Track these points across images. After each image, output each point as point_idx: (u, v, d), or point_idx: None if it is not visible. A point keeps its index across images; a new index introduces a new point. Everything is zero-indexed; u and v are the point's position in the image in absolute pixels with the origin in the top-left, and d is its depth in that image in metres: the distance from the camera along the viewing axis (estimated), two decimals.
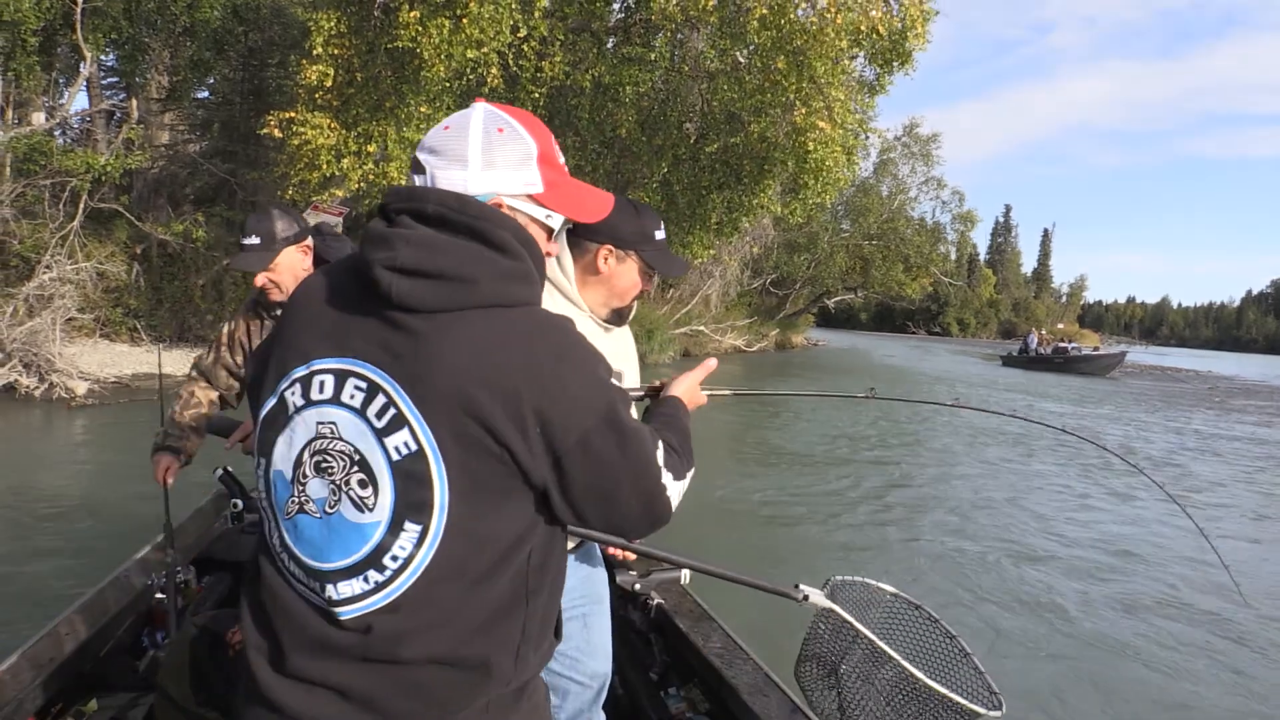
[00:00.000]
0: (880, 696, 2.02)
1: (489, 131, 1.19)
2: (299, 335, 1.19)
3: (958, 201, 45.27)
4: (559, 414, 1.11)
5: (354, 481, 1.11)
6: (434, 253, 1.11)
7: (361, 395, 1.11)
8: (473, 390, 1.08)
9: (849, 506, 8.75)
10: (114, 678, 2.42)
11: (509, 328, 1.12)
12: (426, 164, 1.20)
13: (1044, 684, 4.85)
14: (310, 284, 1.25)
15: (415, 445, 1.09)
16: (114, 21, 15.91)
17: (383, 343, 1.12)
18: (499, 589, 1.14)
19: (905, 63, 15.29)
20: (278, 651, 1.16)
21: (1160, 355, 71.67)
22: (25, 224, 13.95)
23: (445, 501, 1.09)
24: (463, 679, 1.14)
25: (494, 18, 11.57)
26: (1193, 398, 28.19)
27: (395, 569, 1.11)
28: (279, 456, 1.17)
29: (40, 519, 6.65)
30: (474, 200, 1.16)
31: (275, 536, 1.19)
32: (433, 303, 1.10)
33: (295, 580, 1.17)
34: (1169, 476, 11.67)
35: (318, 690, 1.14)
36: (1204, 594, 6.60)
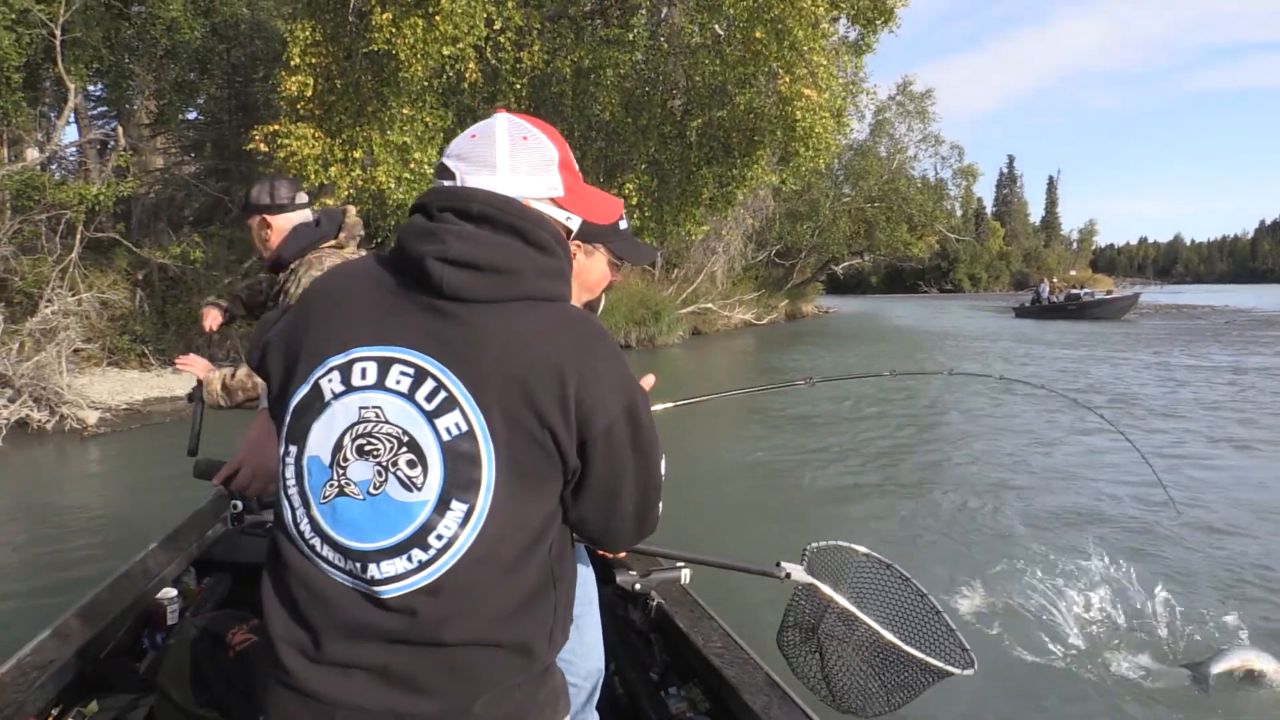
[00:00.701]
0: (858, 656, 2.06)
1: (514, 139, 1.29)
2: (331, 324, 1.23)
3: (957, 156, 44.88)
4: (593, 401, 1.18)
5: (402, 462, 1.16)
6: (481, 247, 1.18)
7: (409, 380, 1.17)
8: (521, 374, 1.16)
9: (820, 476, 8.72)
10: (114, 679, 2.41)
11: (551, 319, 1.21)
12: (456, 169, 1.28)
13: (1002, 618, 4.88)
14: (336, 276, 1.31)
15: (466, 426, 1.15)
16: (95, 51, 15.91)
17: (429, 331, 1.18)
18: (531, 573, 1.20)
19: (888, 20, 15.17)
20: (311, 638, 1.19)
21: (1176, 293, 71.09)
22: (25, 260, 14.06)
23: (492, 481, 1.16)
24: (503, 660, 1.19)
25: (467, 12, 11.53)
26: (1208, 334, 27.92)
27: (439, 548, 1.15)
28: (314, 442, 1.21)
29: (45, 535, 6.74)
30: (515, 201, 1.26)
31: (305, 523, 1.21)
32: (480, 293, 1.18)
33: (329, 564, 1.20)
34: (1148, 411, 11.81)
35: (355, 674, 1.17)
36: (1148, 508, 7.03)
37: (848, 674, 2.06)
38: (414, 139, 12.98)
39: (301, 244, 2.89)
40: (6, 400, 11.13)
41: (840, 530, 6.81)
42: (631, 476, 1.27)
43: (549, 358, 1.17)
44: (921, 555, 6.06)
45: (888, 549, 2.31)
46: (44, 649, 2.21)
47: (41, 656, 2.18)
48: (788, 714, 2.07)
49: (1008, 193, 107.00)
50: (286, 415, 1.25)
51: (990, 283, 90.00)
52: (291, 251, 2.90)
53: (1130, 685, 4.27)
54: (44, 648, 2.22)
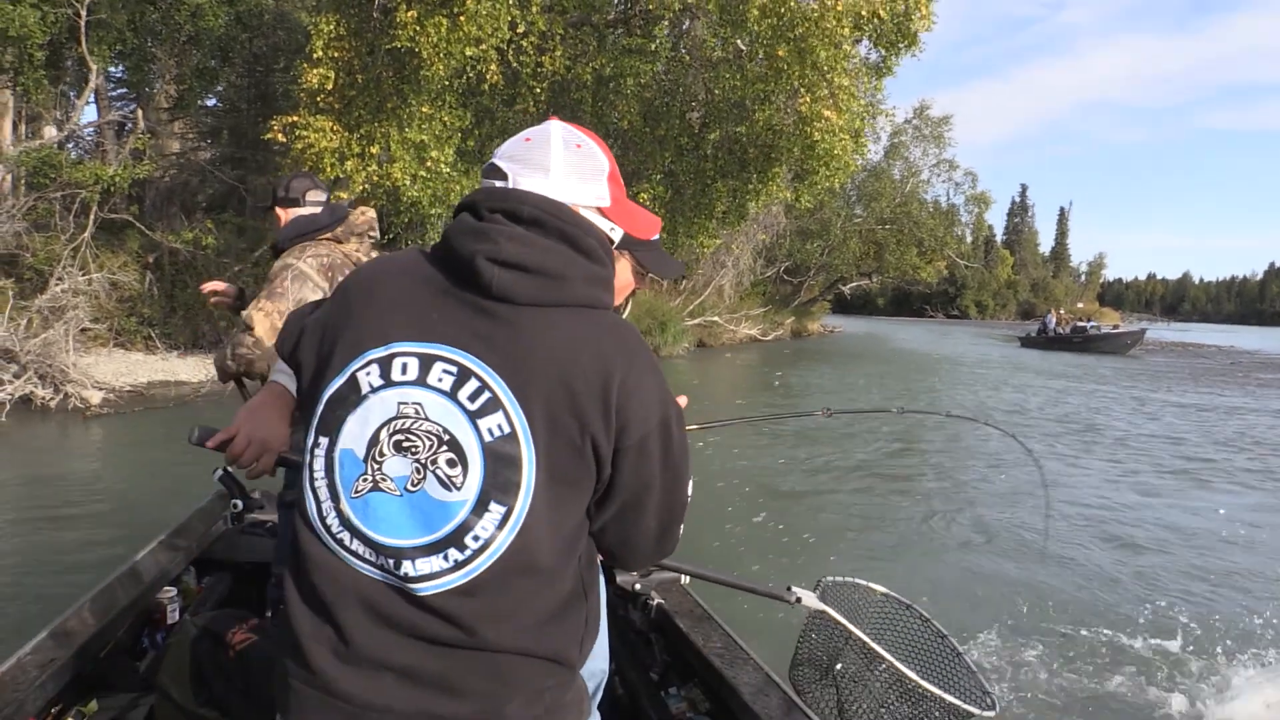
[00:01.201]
0: (875, 697, 2.04)
1: (568, 145, 1.29)
2: (371, 317, 1.22)
3: (971, 183, 44.95)
4: (632, 411, 1.19)
5: (441, 460, 1.15)
6: (532, 250, 1.18)
7: (451, 379, 1.16)
8: (566, 380, 1.15)
9: (838, 504, 8.67)
10: (114, 678, 2.41)
11: (597, 327, 1.21)
12: (509, 170, 1.27)
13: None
14: (376, 269, 1.29)
15: (509, 428, 1.14)
16: (119, 33, 15.98)
17: (475, 330, 1.17)
18: (565, 581, 1.21)
19: (911, 44, 15.19)
20: (340, 636, 1.17)
21: (1182, 331, 70.99)
22: (38, 237, 14.10)
23: (531, 485, 1.15)
24: (537, 667, 1.19)
25: (491, 14, 11.57)
26: (1213, 374, 27.88)
27: (476, 549, 1.15)
28: (349, 435, 1.19)
29: (44, 524, 6.71)
30: (566, 206, 1.25)
31: (333, 516, 1.19)
32: (529, 296, 1.17)
33: (358, 558, 1.18)
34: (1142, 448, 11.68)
35: (386, 674, 1.15)
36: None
37: (865, 714, 2.02)
38: (431, 138, 13.01)
39: (293, 232, 2.97)
40: (11, 376, 11.14)
41: (838, 553, 6.83)
42: (658, 491, 1.26)
43: (594, 365, 1.17)
44: (921, 586, 6.04)
45: (887, 578, 2.30)
46: (44, 648, 2.21)
47: (41, 655, 2.17)
48: (788, 713, 2.07)
49: (1019, 221, 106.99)
50: (319, 406, 1.23)
51: (997, 310, 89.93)
52: (285, 238, 2.97)
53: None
54: (44, 646, 2.21)
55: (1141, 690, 4.59)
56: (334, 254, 2.92)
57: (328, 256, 2.88)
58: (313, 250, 2.88)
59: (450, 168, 13.19)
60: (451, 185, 13.23)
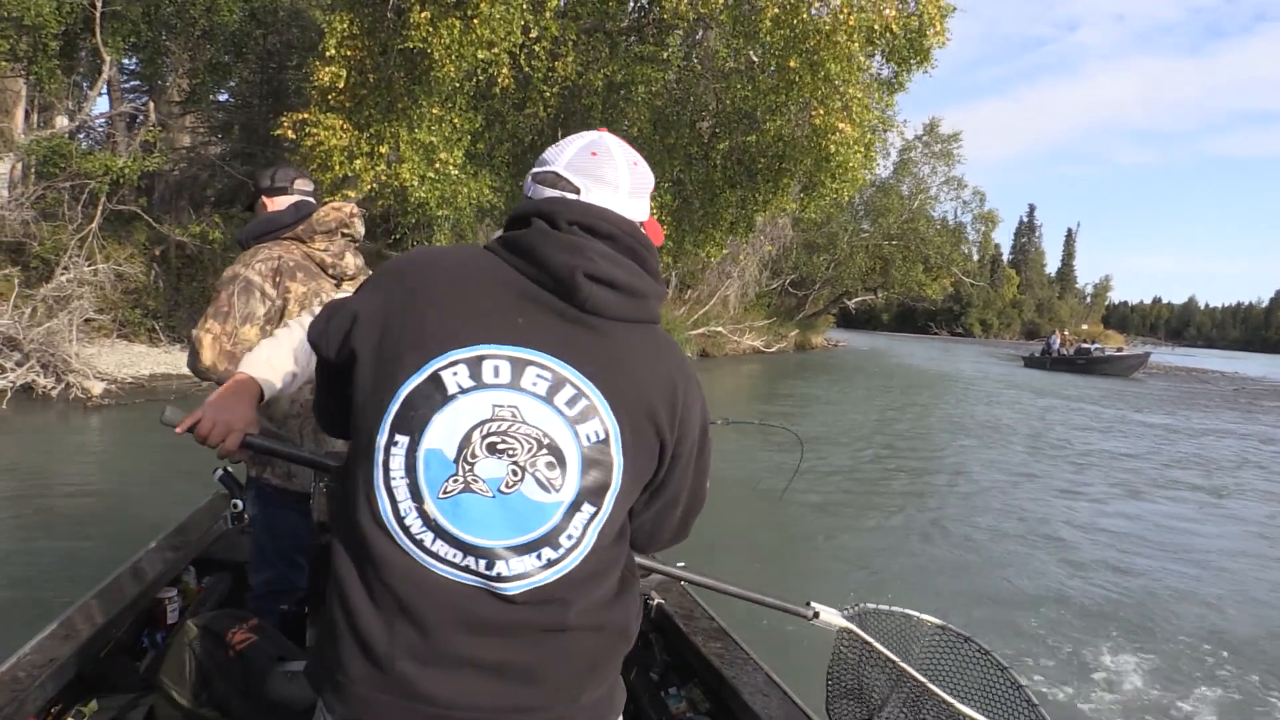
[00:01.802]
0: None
1: (628, 161, 1.35)
2: (448, 316, 1.22)
3: (979, 201, 45.00)
4: (689, 423, 1.29)
5: (541, 463, 1.18)
6: (618, 267, 1.24)
7: (546, 384, 1.19)
8: (649, 393, 1.24)
9: (854, 518, 8.69)
10: (114, 678, 2.41)
11: (665, 344, 1.31)
12: (580, 184, 1.30)
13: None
14: (440, 265, 1.28)
15: (604, 434, 1.20)
16: (133, 25, 16.05)
17: (567, 339, 1.21)
18: (622, 562, 1.30)
19: (924, 60, 15.19)
20: (419, 638, 1.17)
21: (1187, 356, 70.83)
22: (45, 226, 14.14)
23: (618, 488, 1.22)
24: (609, 642, 1.27)
25: (505, 18, 11.60)
26: (1216, 399, 27.84)
27: (569, 547, 1.20)
28: (436, 435, 1.18)
29: (44, 519, 6.71)
30: (636, 225, 1.32)
31: (413, 516, 1.18)
32: (616, 311, 1.24)
33: (439, 559, 1.18)
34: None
35: (469, 672, 1.17)
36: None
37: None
38: (441, 139, 13.02)
39: (256, 230, 2.84)
40: (14, 364, 11.15)
41: (839, 563, 6.81)
42: (689, 488, 1.36)
43: (666, 380, 1.26)
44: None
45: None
46: (44, 647, 2.21)
47: (41, 655, 2.17)
48: (788, 714, 2.08)
49: (1025, 241, 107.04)
50: (394, 402, 1.19)
51: (1001, 330, 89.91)
52: (248, 235, 2.85)
53: None
54: (44, 646, 2.21)
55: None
56: (290, 254, 2.77)
57: (279, 259, 2.72)
58: (265, 253, 2.72)
59: (459, 170, 13.20)
60: (459, 188, 13.23)
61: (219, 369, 2.67)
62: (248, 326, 2.69)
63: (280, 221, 2.82)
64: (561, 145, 1.36)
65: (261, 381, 1.72)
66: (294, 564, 2.79)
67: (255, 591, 2.79)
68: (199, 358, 2.66)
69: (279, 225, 2.82)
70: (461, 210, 13.63)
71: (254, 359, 1.77)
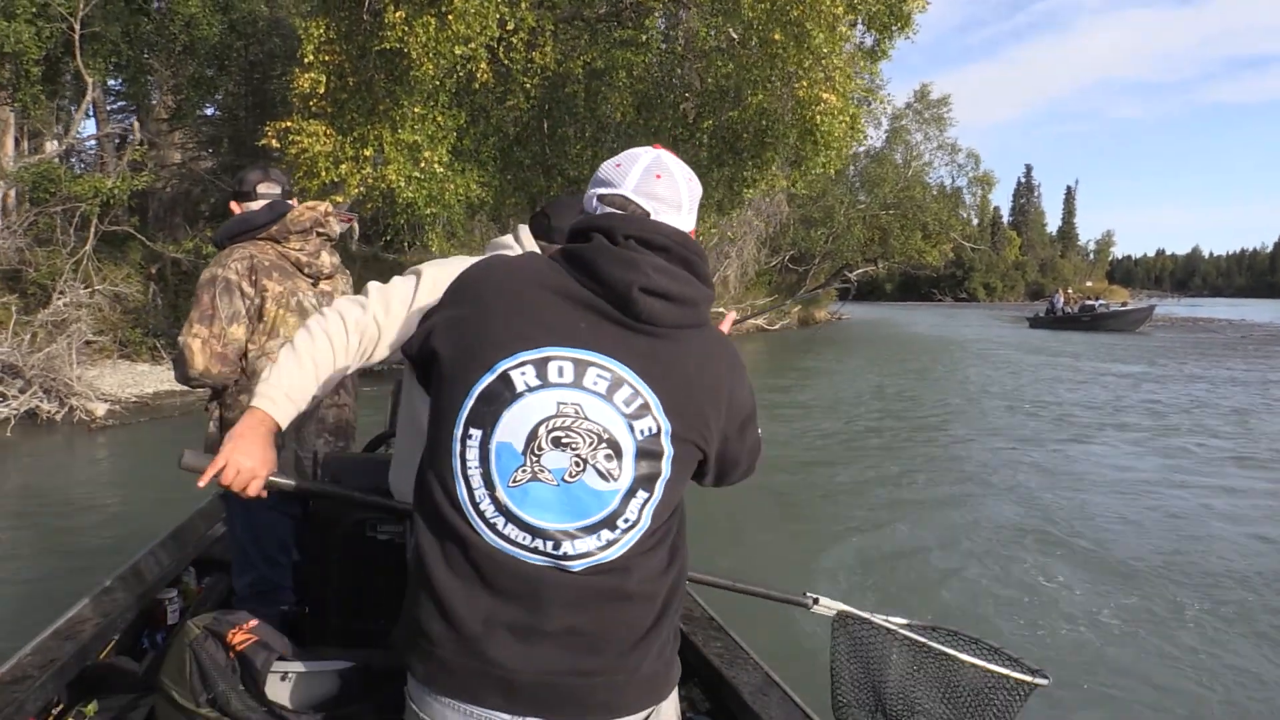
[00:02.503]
0: (931, 701, 2.02)
1: (688, 179, 1.50)
2: (516, 320, 1.35)
3: (973, 164, 44.71)
4: (737, 407, 1.44)
5: (600, 456, 1.31)
6: (672, 280, 1.35)
7: (605, 384, 1.32)
8: (697, 392, 1.37)
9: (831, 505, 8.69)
10: (114, 679, 2.42)
11: (715, 344, 1.43)
12: (650, 208, 1.44)
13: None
14: (508, 274, 1.41)
15: (656, 429, 1.33)
16: (113, 45, 16.04)
17: (625, 344, 1.33)
18: (674, 539, 1.42)
19: (905, 26, 15.09)
20: (493, 608, 1.31)
21: (1193, 307, 70.54)
22: (39, 252, 14.18)
23: (668, 475, 1.35)
24: (661, 610, 1.38)
25: (480, 12, 11.53)
26: (1221, 347, 27.72)
27: (625, 528, 1.33)
28: (506, 430, 1.32)
29: (47, 533, 6.78)
30: (688, 235, 1.45)
31: (487, 502, 1.32)
32: (670, 321, 1.36)
33: (510, 542, 1.31)
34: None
35: (535, 638, 1.31)
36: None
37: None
38: (424, 138, 12.98)
39: (230, 231, 2.86)
40: (17, 391, 11.21)
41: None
42: (746, 449, 1.52)
43: (717, 379, 1.40)
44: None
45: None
46: (44, 648, 2.22)
47: (42, 656, 2.18)
48: (788, 714, 2.07)
49: (1025, 202, 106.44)
50: (468, 400, 1.33)
51: (1005, 292, 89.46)
52: (222, 237, 2.87)
53: None
54: (44, 647, 2.22)
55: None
56: (265, 254, 2.79)
57: (254, 258, 2.75)
58: (240, 253, 2.76)
59: (445, 167, 13.16)
60: (445, 185, 13.20)
61: (212, 372, 2.68)
62: (234, 326, 2.70)
63: (255, 222, 2.83)
64: (623, 166, 1.48)
65: (280, 418, 1.69)
66: (276, 564, 2.79)
67: (239, 594, 2.79)
68: (189, 365, 2.66)
69: (254, 225, 2.83)
70: (451, 208, 13.59)
71: (272, 391, 1.69)
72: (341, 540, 2.61)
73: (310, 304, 2.87)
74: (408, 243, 23.80)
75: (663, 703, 1.43)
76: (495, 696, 1.31)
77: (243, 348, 2.73)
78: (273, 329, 2.77)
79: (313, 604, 2.89)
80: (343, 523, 2.53)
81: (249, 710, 1.71)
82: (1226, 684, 4.45)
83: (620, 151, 1.55)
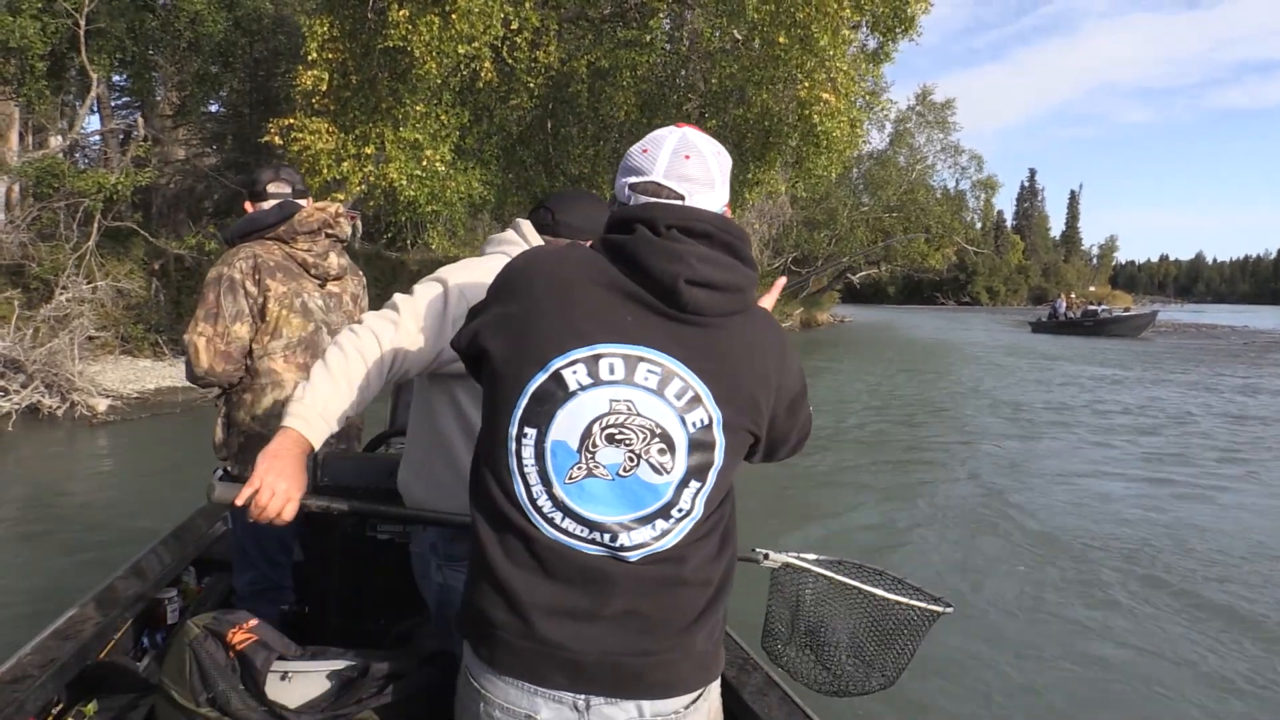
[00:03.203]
0: (848, 634, 2.12)
1: (716, 154, 1.46)
2: (565, 318, 1.35)
3: (976, 167, 44.63)
4: (786, 387, 1.44)
5: (654, 450, 1.33)
6: (716, 268, 1.35)
7: (656, 378, 1.33)
8: (747, 377, 1.37)
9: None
10: (114, 678, 2.42)
11: (764, 327, 1.43)
12: (684, 191, 1.41)
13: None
14: (558, 268, 1.40)
15: (707, 420, 1.34)
16: (118, 41, 16.06)
17: (673, 335, 1.34)
18: (725, 524, 1.45)
19: (909, 28, 15.09)
20: (553, 595, 1.35)
21: (1197, 313, 70.48)
22: (43, 247, 14.19)
23: (720, 464, 1.37)
24: (714, 593, 1.42)
25: (484, 11, 11.53)
26: (1223, 355, 27.67)
27: (678, 518, 1.36)
28: (560, 428, 1.34)
29: (48, 527, 6.77)
30: (730, 220, 1.43)
31: (544, 498, 1.35)
32: (716, 309, 1.35)
33: (568, 535, 1.35)
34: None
35: (595, 622, 1.35)
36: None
37: (845, 654, 2.11)
38: (426, 136, 12.99)
39: (239, 231, 2.87)
40: (18, 386, 11.22)
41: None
42: (796, 427, 1.53)
43: (763, 360, 1.40)
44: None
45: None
46: (44, 648, 2.21)
47: (41, 655, 2.17)
48: (788, 714, 2.07)
49: (1028, 206, 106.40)
50: (522, 399, 1.35)
51: (1008, 296, 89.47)
52: (231, 236, 2.88)
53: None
54: (44, 647, 2.22)
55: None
56: (270, 254, 2.80)
57: (259, 257, 2.77)
58: (245, 252, 2.77)
59: (447, 166, 13.17)
60: (447, 183, 13.20)
61: (216, 370, 2.69)
62: (238, 324, 2.71)
63: (263, 221, 2.85)
64: (650, 152, 1.44)
65: (314, 439, 1.65)
66: (276, 563, 2.80)
67: (240, 594, 2.80)
68: (195, 363, 2.68)
69: (262, 225, 2.85)
70: (452, 206, 13.58)
71: (306, 411, 1.65)
72: (341, 540, 2.61)
73: (316, 305, 2.88)
74: (410, 241, 23.81)
75: (713, 682, 1.47)
76: (559, 676, 1.35)
77: (246, 346, 2.75)
78: (275, 329, 2.78)
79: (313, 604, 2.91)
80: (342, 523, 2.53)
81: (249, 710, 1.70)
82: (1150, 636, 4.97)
83: (624, 151, 1.53)
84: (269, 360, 2.77)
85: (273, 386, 2.78)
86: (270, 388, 2.78)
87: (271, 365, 2.78)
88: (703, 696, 1.43)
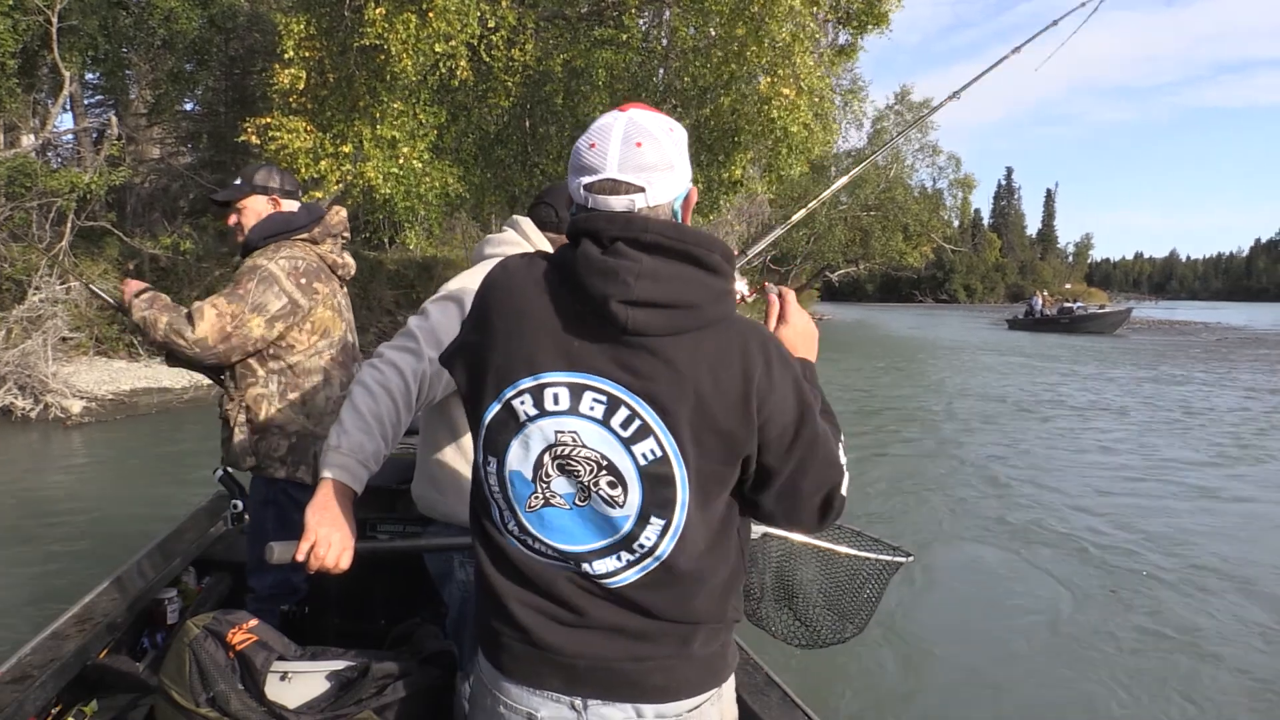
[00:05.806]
0: (819, 591, 2.20)
1: (670, 130, 1.32)
2: (515, 345, 1.29)
3: (954, 166, 44.94)
4: (773, 407, 1.26)
5: (603, 483, 1.27)
6: (661, 283, 1.22)
7: (602, 408, 1.25)
8: (708, 400, 1.23)
9: None
10: (114, 678, 2.41)
11: (731, 342, 1.26)
12: (642, 182, 1.27)
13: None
14: (513, 294, 1.33)
15: (660, 451, 1.24)
16: (91, 39, 15.89)
17: (618, 361, 1.24)
18: (730, 557, 1.36)
19: (880, 23, 15.15)
20: (544, 605, 1.34)
21: (1170, 309, 71.14)
22: (15, 247, 14.02)
23: (686, 499, 1.27)
24: (713, 599, 1.34)
25: (460, 9, 11.52)
26: (1196, 350, 28.01)
27: (644, 551, 1.29)
28: (515, 458, 1.31)
29: (37, 529, 6.72)
30: (688, 228, 1.28)
31: (513, 524, 1.34)
32: (663, 329, 1.23)
33: (544, 555, 1.34)
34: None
35: (588, 630, 1.32)
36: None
37: (819, 609, 2.19)
38: (403, 134, 12.95)
39: (267, 231, 2.81)
40: None
41: None
42: (811, 472, 1.33)
43: (731, 378, 1.24)
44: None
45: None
46: (44, 648, 2.21)
47: (41, 656, 2.17)
48: (788, 714, 2.07)
49: (1005, 204, 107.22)
50: (481, 429, 1.34)
51: (985, 294, 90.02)
52: (257, 237, 2.81)
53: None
54: (44, 647, 2.22)
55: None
56: (309, 256, 2.80)
57: (302, 260, 2.75)
58: (286, 251, 2.74)
59: (424, 164, 13.12)
60: (423, 179, 13.15)
61: (209, 343, 2.61)
62: (256, 316, 2.65)
63: (296, 223, 2.82)
64: (599, 146, 1.29)
65: (357, 487, 1.69)
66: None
67: (257, 594, 2.78)
68: (194, 325, 2.60)
69: (294, 226, 2.82)
70: (428, 203, 13.52)
71: (345, 460, 1.67)
72: None
73: (345, 304, 2.94)
74: (388, 240, 23.70)
75: (723, 685, 1.42)
76: (556, 680, 1.34)
77: (250, 341, 2.67)
78: (325, 330, 2.81)
79: (313, 604, 2.93)
80: None
81: (249, 710, 1.70)
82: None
83: None
84: (319, 358, 2.80)
85: (325, 384, 2.82)
86: (323, 385, 2.82)
87: (321, 363, 2.81)
88: (710, 700, 1.38)
